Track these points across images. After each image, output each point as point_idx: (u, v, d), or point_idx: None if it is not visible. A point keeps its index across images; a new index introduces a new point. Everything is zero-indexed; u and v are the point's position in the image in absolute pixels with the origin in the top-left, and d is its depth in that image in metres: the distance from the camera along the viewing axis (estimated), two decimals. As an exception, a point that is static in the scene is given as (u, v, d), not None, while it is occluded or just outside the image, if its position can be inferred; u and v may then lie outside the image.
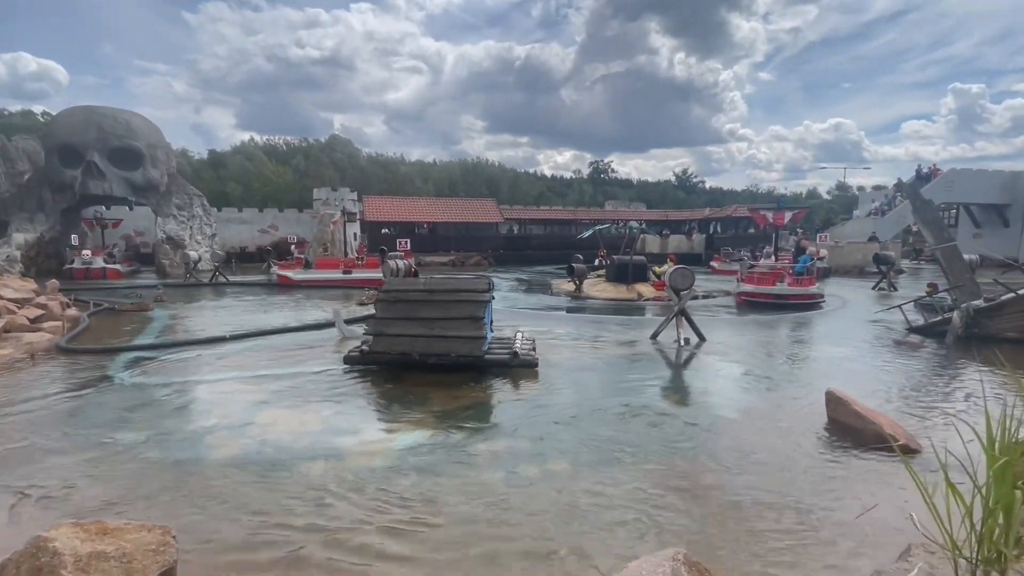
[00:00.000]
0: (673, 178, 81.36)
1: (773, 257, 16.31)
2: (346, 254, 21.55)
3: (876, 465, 4.31)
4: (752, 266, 15.54)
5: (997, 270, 15.60)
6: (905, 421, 5.24)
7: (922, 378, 7.18)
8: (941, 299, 10.74)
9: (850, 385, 6.23)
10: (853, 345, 9.08)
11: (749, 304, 13.83)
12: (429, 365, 6.86)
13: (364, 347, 7.14)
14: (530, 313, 12.99)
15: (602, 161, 76.09)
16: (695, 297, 13.41)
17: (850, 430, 4.91)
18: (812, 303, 13.44)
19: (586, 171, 79.31)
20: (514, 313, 12.77)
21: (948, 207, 34.16)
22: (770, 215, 14.98)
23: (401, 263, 12.82)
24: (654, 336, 9.39)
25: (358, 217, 32.97)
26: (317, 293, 17.07)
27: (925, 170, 31.74)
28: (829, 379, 6.63)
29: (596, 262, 22.82)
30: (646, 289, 16.46)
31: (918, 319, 10.25)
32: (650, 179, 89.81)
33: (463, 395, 6.12)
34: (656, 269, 17.31)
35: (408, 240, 23.80)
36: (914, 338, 9.62)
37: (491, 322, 7.97)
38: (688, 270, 9.73)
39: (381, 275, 13.77)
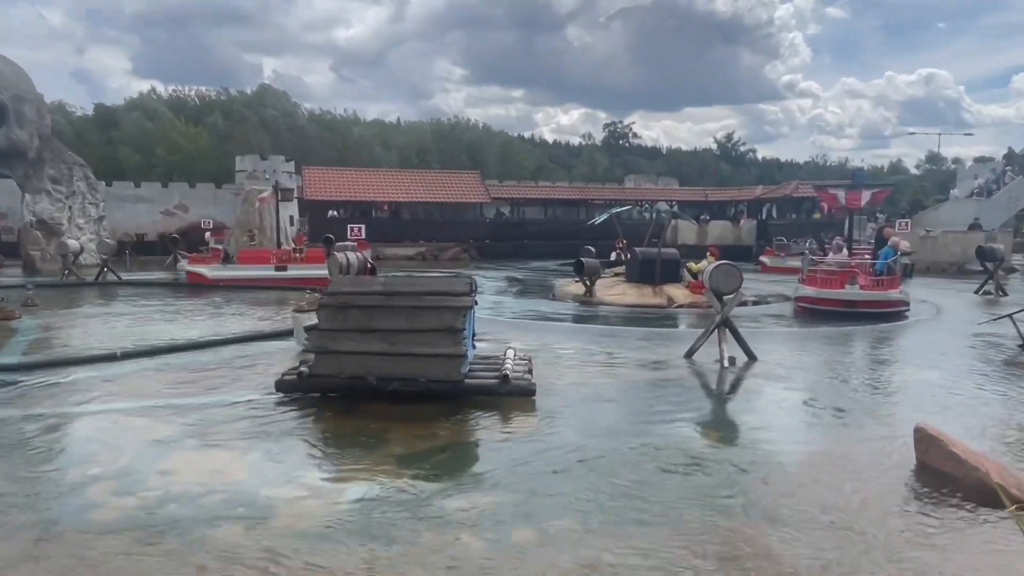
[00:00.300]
0: (714, 146, 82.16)
1: (845, 250, 16.39)
2: (279, 244, 21.50)
3: (980, 526, 4.33)
4: (815, 262, 15.43)
5: None
6: (1020, 467, 5.28)
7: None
8: (1065, 307, 10.86)
9: (946, 420, 6.28)
10: (950, 367, 9.18)
11: (809, 312, 13.93)
12: (390, 393, 6.87)
13: (303, 369, 7.13)
14: (525, 324, 13.02)
15: (621, 123, 76.76)
16: (743, 303, 13.52)
17: (946, 478, 4.94)
18: (892, 312, 13.53)
19: (600, 136, 79.94)
20: (504, 324, 12.81)
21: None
22: (842, 195, 14.97)
23: (353, 257, 12.81)
24: (689, 354, 9.44)
25: (295, 195, 32.96)
26: (240, 296, 17.00)
27: None
28: (919, 412, 6.68)
29: (613, 256, 22.96)
30: (678, 292, 16.55)
31: None
32: (684, 147, 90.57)
33: (434, 433, 6.12)
34: (692, 266, 17.43)
35: (363, 226, 23.82)
36: (1028, 357, 9.73)
37: (473, 336, 8.00)
38: (734, 268, 9.78)
39: (326, 272, 13.74)
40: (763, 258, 27.47)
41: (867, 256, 16.06)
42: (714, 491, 4.90)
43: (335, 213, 36.09)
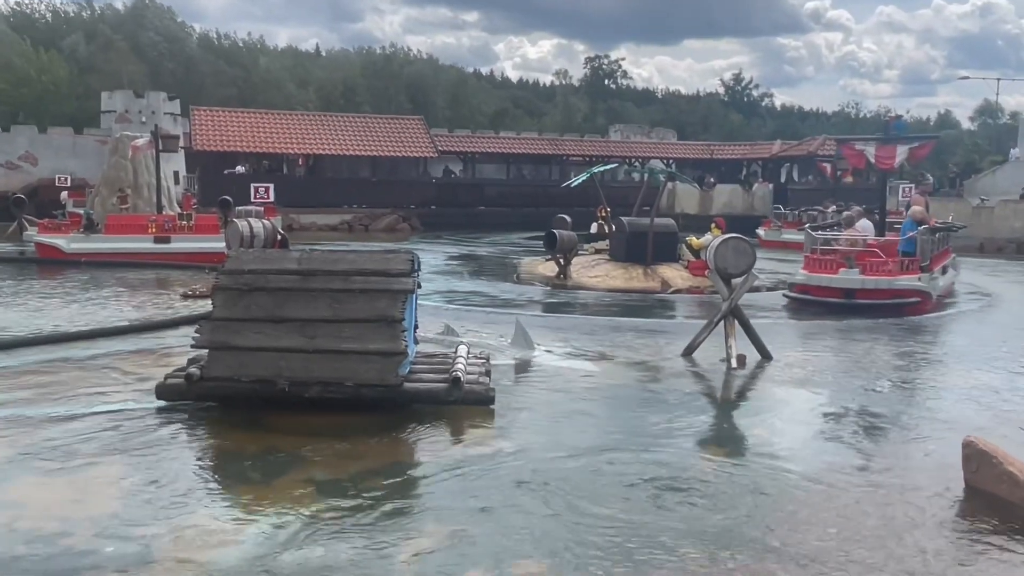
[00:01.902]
0: (721, 89, 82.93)
1: (864, 223, 15.36)
2: (160, 208, 21.03)
3: (1040, 561, 4.50)
4: (815, 238, 14.65)
5: None
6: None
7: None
8: None
9: (1000, 432, 6.49)
10: (1003, 368, 9.50)
11: (799, 304, 13.76)
12: (308, 401, 6.81)
13: (193, 371, 7.01)
14: (482, 313, 13.04)
15: (605, 58, 76.87)
16: (756, 289, 13.68)
17: (1000, 503, 5.11)
18: (901, 303, 13.13)
19: (578, 74, 79.92)
20: (455, 313, 12.78)
21: None
22: (871, 151, 15.02)
23: (258, 225, 12.69)
24: (688, 352, 9.57)
25: (182, 144, 32.20)
26: (109, 276, 16.60)
27: None
28: (967, 423, 6.90)
29: (594, 228, 23.08)
30: (675, 274, 16.76)
31: None
32: (684, 89, 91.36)
33: (365, 452, 6.08)
34: (692, 241, 17.64)
35: (271, 186, 23.45)
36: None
37: (415, 328, 7.97)
38: (746, 243, 9.92)
39: (222, 245, 13.53)
40: (759, 230, 27.72)
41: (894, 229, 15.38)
42: (719, 523, 4.97)
43: (238, 169, 35.40)
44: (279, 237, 13.13)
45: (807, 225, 19.12)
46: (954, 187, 36.59)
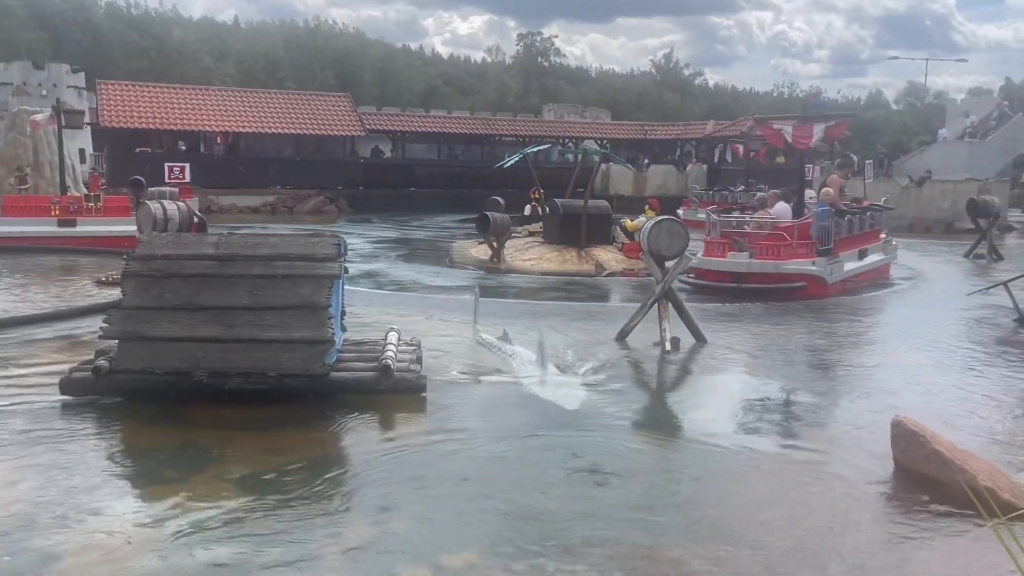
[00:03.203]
0: (653, 69, 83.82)
1: (782, 205, 15.10)
2: (64, 189, 20.27)
3: (969, 540, 4.71)
4: (712, 219, 14.56)
5: None
6: (1013, 465, 5.74)
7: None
8: (1069, 274, 11.89)
9: (929, 412, 6.76)
10: (933, 348, 9.90)
11: (695, 289, 13.64)
12: (228, 393, 6.72)
13: (101, 363, 6.81)
14: (413, 298, 12.99)
15: (538, 35, 76.79)
16: (690, 272, 13.86)
17: (929, 482, 5.32)
18: (793, 287, 13.12)
19: (511, 52, 79.84)
20: (384, 299, 12.71)
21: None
22: (789, 130, 15.29)
23: (173, 208, 12.41)
24: (622, 336, 9.69)
25: (88, 120, 30.99)
26: (9, 260, 15.93)
27: None
28: (897, 402, 7.17)
29: (527, 211, 23.15)
30: (609, 256, 16.94)
31: None
32: (618, 68, 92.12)
33: (289, 445, 6.02)
34: (627, 223, 17.85)
35: (187, 166, 22.77)
36: (1025, 335, 10.63)
37: (342, 315, 7.90)
38: (679, 225, 10.07)
39: (134, 229, 13.14)
40: (679, 211, 28.12)
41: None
42: (654, 507, 5.06)
43: (171, 148, 34.28)
44: (196, 220, 12.86)
45: (709, 208, 19.13)
46: (883, 167, 37.90)
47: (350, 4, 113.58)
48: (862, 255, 15.31)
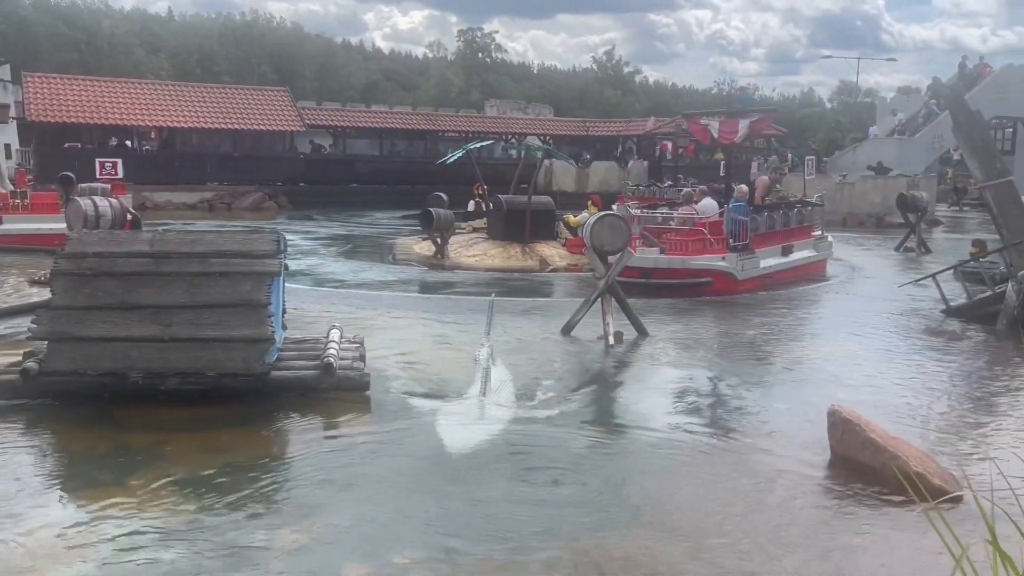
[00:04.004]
0: (594, 65, 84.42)
1: (708, 201, 14.98)
2: (-9, 186, 19.49)
3: (903, 525, 4.86)
4: (641, 214, 14.42)
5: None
6: (943, 451, 5.98)
7: (965, 385, 8.24)
8: (992, 265, 12.38)
9: (864, 400, 6.96)
10: (867, 338, 10.20)
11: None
12: (165, 393, 6.61)
13: (30, 365, 6.61)
14: (355, 295, 12.88)
15: (479, 31, 76.55)
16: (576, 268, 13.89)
17: (863, 469, 5.49)
18: (699, 283, 13.01)
19: (452, 47, 79.52)
20: (326, 296, 12.61)
21: (1001, 124, 39.43)
22: (715, 125, 15.44)
23: (104, 204, 12.07)
24: (566, 330, 9.75)
25: (14, 115, 29.86)
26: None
27: (970, 66, 36.07)
28: (833, 392, 7.36)
29: (471, 206, 23.09)
30: (553, 252, 17.00)
31: (961, 294, 11.73)
32: (560, 65, 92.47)
33: (229, 445, 5.96)
34: (570, 219, 17.96)
35: (119, 161, 22.12)
36: (953, 324, 11.03)
37: (283, 313, 7.80)
38: (621, 220, 10.17)
39: (63, 226, 12.73)
40: (613, 206, 28.28)
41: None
42: (598, 500, 5.11)
43: (101, 144, 33.27)
44: (129, 217, 12.51)
45: (627, 203, 18.86)
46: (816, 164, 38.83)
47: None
48: (786, 252, 14.93)
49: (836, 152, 38.38)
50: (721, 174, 21.64)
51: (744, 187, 14.51)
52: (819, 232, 16.43)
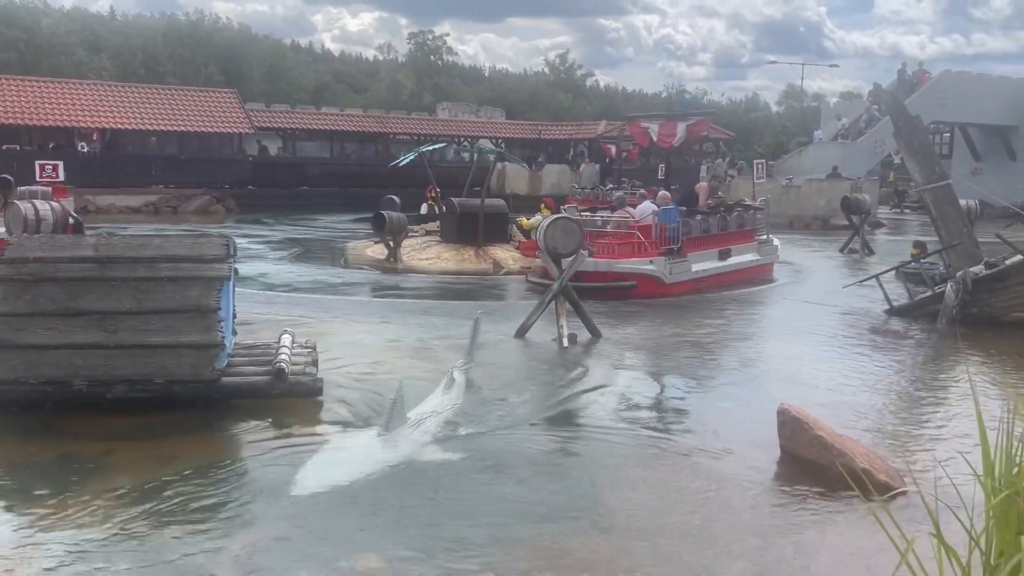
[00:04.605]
0: (546, 68, 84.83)
1: (648, 204, 14.63)
2: (-75, 189, 18.84)
3: (850, 520, 4.97)
4: (580, 217, 14.05)
5: (1001, 221, 18.74)
6: (889, 447, 6.14)
7: (908, 382, 8.48)
8: (932, 265, 12.76)
9: (812, 399, 7.11)
10: (813, 338, 10.41)
11: (541, 287, 12.88)
12: (111, 402, 6.48)
13: (-32, 373, 6.39)
14: (307, 300, 12.76)
15: (430, 33, 76.38)
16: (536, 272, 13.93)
17: (812, 466, 5.60)
18: (624, 286, 12.91)
19: (403, 50, 79.16)
20: (277, 300, 12.49)
21: (940, 129, 40.66)
22: (655, 128, 15.45)
23: (45, 208, 11.79)
24: (521, 333, 9.78)
25: (-49, 116, 28.86)
26: None
27: (910, 72, 37.11)
28: (782, 390, 7.49)
29: (423, 209, 23.02)
30: (507, 255, 17.03)
31: (903, 294, 12.07)
32: (511, 68, 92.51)
33: (178, 454, 5.86)
34: (523, 222, 18.00)
35: (60, 164, 21.55)
36: (896, 323, 11.33)
37: (233, 318, 7.69)
38: (573, 223, 10.23)
39: (3, 231, 12.39)
40: (562, 208, 28.22)
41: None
42: (552, 501, 5.13)
43: (41, 146, 32.37)
44: (71, 221, 12.24)
45: (571, 206, 18.45)
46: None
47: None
48: (724, 256, 14.84)
49: (782, 156, 39.12)
50: (660, 177, 21.72)
51: (667, 193, 14.32)
52: (763, 236, 16.38)
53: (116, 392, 6.46)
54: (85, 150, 33.09)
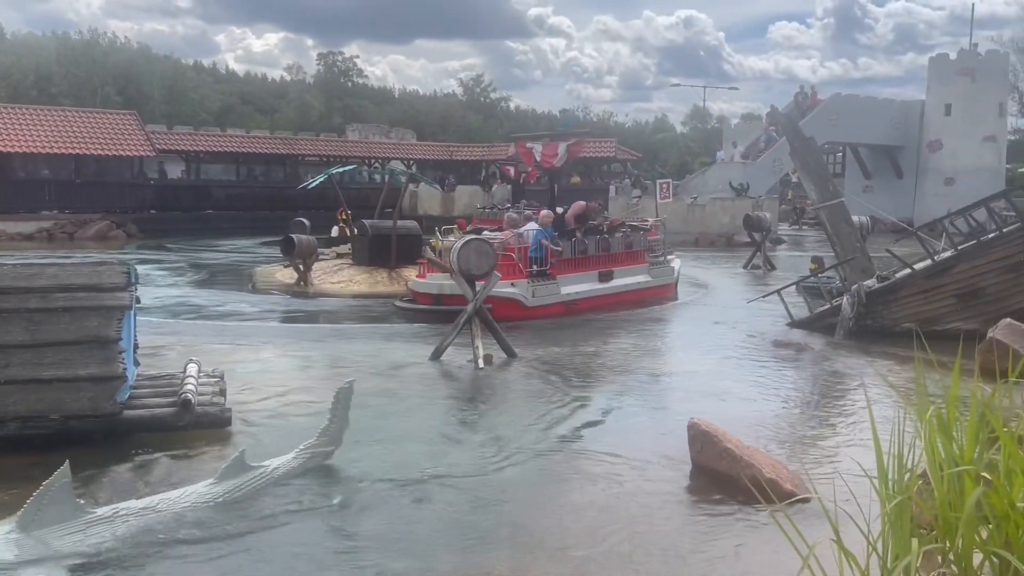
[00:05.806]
0: (460, 90, 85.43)
1: (532, 225, 13.98)
2: None
3: (757, 529, 5.13)
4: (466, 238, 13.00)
5: (890, 236, 19.77)
6: (793, 457, 6.37)
7: (810, 392, 8.81)
8: (829, 279, 13.33)
9: (721, 412, 7.31)
10: (720, 353, 10.72)
11: (409, 311, 13.30)
12: (2, 439, 6.15)
13: None
14: (214, 327, 12.42)
15: (339, 55, 75.86)
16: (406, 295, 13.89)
17: (721, 478, 5.76)
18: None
19: (311, 70, 78.31)
20: (183, 329, 12.18)
21: (833, 148, 42.70)
22: (538, 149, 15.51)
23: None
24: (436, 355, 9.76)
25: None
26: None
27: (803, 95, 39.03)
28: (692, 405, 7.68)
29: (334, 232, 22.75)
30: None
31: (803, 308, 12.55)
32: (421, 90, 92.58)
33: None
34: (436, 243, 17.96)
35: (-54, 189, 20.56)
36: (797, 336, 11.77)
37: (135, 348, 7.42)
38: (486, 244, 10.29)
39: None
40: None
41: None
42: (473, 522, 5.14)
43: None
44: (-43, 250, 11.59)
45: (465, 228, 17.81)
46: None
47: (131, 16, 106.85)
48: (605, 278, 14.43)
49: (687, 175, 40.34)
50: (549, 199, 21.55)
51: (549, 213, 14.08)
52: (659, 256, 16.02)
53: (8, 430, 6.14)
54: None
